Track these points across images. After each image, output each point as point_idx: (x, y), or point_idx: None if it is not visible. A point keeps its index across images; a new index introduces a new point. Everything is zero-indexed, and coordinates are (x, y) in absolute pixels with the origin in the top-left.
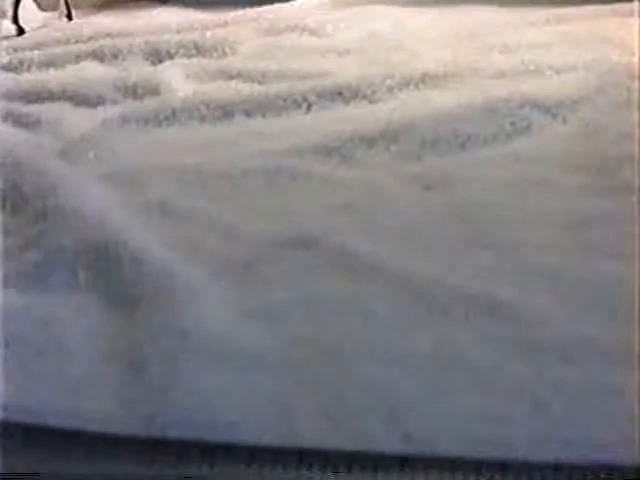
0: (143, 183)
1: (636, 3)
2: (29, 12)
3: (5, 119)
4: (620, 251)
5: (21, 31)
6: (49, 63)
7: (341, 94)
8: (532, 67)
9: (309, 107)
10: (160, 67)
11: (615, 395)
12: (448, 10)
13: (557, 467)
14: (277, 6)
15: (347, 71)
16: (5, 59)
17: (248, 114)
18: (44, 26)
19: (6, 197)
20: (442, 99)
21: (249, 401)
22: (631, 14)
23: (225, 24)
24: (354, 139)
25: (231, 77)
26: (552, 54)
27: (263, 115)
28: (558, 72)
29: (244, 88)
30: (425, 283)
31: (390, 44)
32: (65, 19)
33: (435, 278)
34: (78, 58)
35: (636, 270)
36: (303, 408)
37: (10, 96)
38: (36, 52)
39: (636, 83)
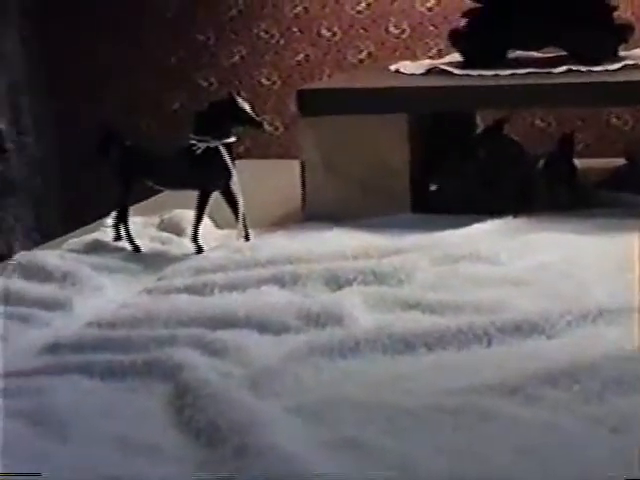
0: (330, 418)
1: None
2: (206, 230)
3: (195, 345)
4: None
5: (200, 250)
6: (231, 287)
7: (520, 329)
8: None
9: (489, 341)
10: (339, 294)
11: None
12: (613, 237)
13: None
14: (449, 232)
15: (524, 304)
16: (189, 281)
17: (429, 347)
18: (221, 245)
19: (201, 430)
20: (619, 336)
21: None
22: None
23: (399, 251)
24: (537, 377)
25: (410, 307)
26: None
27: (444, 348)
28: None
29: (424, 320)
30: None
31: (562, 275)
32: (242, 239)
33: None
34: (259, 283)
35: None
36: None
37: (197, 321)
38: (219, 275)
39: None
